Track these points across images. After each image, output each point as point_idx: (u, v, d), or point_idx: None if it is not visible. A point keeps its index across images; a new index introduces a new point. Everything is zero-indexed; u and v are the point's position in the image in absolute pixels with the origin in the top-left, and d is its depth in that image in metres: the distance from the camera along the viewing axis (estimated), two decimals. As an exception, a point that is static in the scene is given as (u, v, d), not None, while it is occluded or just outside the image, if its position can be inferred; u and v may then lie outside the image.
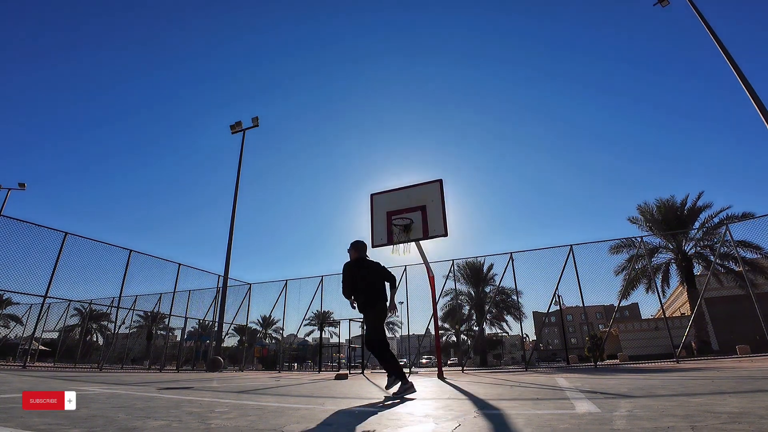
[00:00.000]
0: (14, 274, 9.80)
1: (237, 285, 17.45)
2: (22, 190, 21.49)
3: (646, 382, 4.34)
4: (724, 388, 3.17)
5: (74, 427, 1.80)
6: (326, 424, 2.00)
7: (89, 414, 2.24)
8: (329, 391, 4.47)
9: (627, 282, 15.57)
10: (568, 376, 6.83)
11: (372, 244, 8.25)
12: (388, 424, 2.02)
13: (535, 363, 21.61)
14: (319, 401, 3.31)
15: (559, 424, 1.78)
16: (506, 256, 12.94)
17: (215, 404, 2.90)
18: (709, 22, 11.29)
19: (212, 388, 4.72)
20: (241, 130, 18.85)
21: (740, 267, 13.01)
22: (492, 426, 1.86)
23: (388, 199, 8.42)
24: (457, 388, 4.55)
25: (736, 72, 10.54)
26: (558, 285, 12.06)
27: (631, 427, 1.65)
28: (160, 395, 3.68)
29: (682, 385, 3.63)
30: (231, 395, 3.76)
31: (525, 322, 25.19)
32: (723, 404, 2.21)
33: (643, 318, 25.93)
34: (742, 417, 1.75)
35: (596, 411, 2.17)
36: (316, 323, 26.74)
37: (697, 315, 15.44)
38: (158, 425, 1.89)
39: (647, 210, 20.39)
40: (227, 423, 1.98)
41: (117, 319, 15.70)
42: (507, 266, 12.82)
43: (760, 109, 9.80)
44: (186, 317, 16.10)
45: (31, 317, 17.34)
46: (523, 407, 2.54)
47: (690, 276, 18.74)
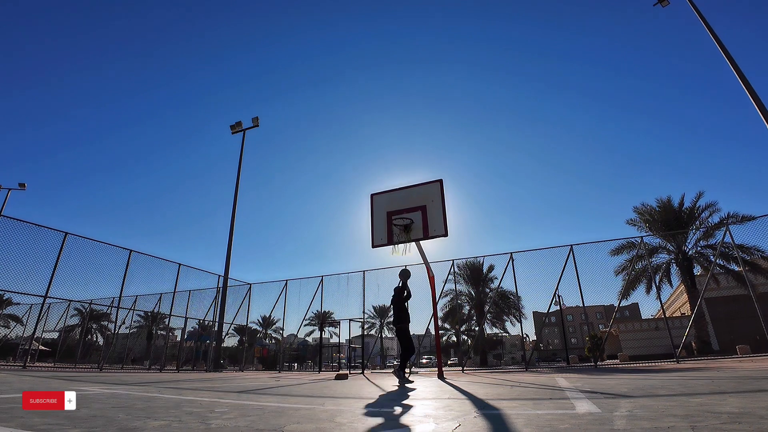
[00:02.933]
0: (14, 274, 9.79)
1: (237, 285, 17.46)
2: (22, 190, 21.53)
3: (646, 382, 4.34)
4: (724, 388, 3.17)
5: (74, 427, 1.80)
6: (328, 421, 2.00)
7: (89, 414, 2.24)
8: (329, 391, 4.47)
9: (627, 282, 15.57)
10: (568, 376, 6.83)
11: (372, 244, 8.25)
12: (388, 424, 2.02)
13: (535, 363, 21.62)
14: (319, 401, 3.31)
15: (560, 424, 1.78)
16: (506, 256, 12.94)
17: (215, 404, 2.90)
18: (709, 22, 11.30)
19: (212, 388, 4.73)
20: (241, 131, 18.87)
21: (740, 267, 13.01)
22: (492, 426, 1.86)
23: (389, 199, 8.42)
24: (457, 388, 4.55)
25: (736, 71, 10.54)
26: (558, 285, 12.05)
27: (631, 427, 1.65)
28: (160, 395, 3.68)
29: (682, 385, 3.63)
30: (231, 395, 3.76)
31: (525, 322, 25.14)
32: (723, 404, 2.20)
33: (643, 318, 25.97)
34: (743, 417, 1.75)
35: (596, 411, 2.17)
36: (316, 323, 26.75)
37: (697, 315, 15.44)
38: (158, 425, 1.89)
39: (646, 210, 20.40)
40: (227, 423, 1.98)
41: (117, 319, 15.71)
42: (507, 266, 12.82)
43: (761, 109, 9.80)
44: (186, 317, 16.09)
45: (31, 317, 17.35)
46: (523, 407, 2.54)
47: (690, 276, 18.74)
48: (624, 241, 15.10)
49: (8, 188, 21.20)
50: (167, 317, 16.44)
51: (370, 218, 8.41)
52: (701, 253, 18.32)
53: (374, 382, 6.71)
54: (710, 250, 17.27)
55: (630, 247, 15.44)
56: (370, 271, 14.71)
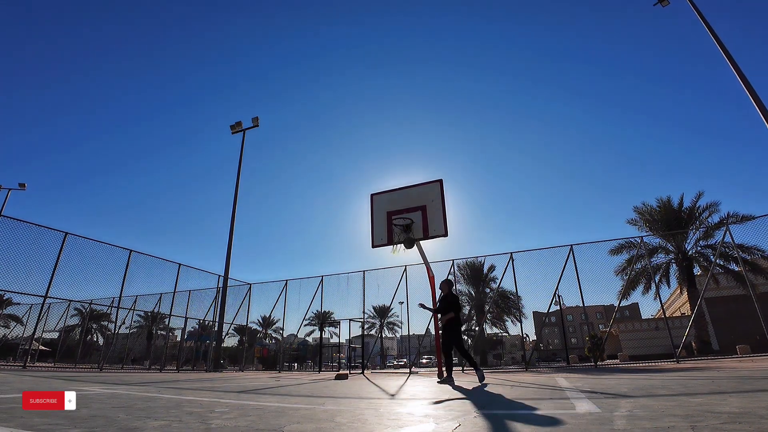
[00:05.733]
0: (14, 274, 9.79)
1: (237, 285, 17.46)
2: (22, 190, 21.52)
3: (646, 382, 4.34)
4: (724, 388, 3.17)
5: (74, 427, 1.80)
6: (328, 421, 2.00)
7: (89, 414, 2.24)
8: (329, 391, 4.47)
9: (627, 282, 15.56)
10: (568, 376, 6.83)
11: (372, 244, 8.26)
12: (388, 424, 2.02)
13: (535, 363, 21.60)
14: (319, 401, 3.31)
15: (560, 424, 1.78)
16: (506, 256, 12.94)
17: (215, 404, 2.90)
18: (709, 22, 11.29)
19: (212, 388, 4.73)
20: (241, 131, 18.86)
21: (740, 267, 13.00)
22: (492, 426, 1.87)
23: (389, 199, 8.42)
24: (457, 388, 4.55)
25: (736, 71, 10.54)
26: (558, 285, 12.05)
27: (631, 426, 1.65)
28: (160, 395, 3.68)
29: (682, 385, 3.63)
30: (231, 395, 3.76)
31: (525, 322, 25.17)
32: (723, 404, 2.21)
33: (643, 318, 25.95)
34: (743, 417, 1.75)
35: (596, 411, 2.17)
36: (316, 323, 26.73)
37: (697, 315, 15.43)
38: (158, 425, 1.89)
39: (646, 210, 20.38)
40: (227, 423, 1.98)
41: (117, 319, 15.72)
42: (507, 266, 12.82)
43: (761, 109, 9.80)
44: (186, 317, 16.09)
45: (31, 317, 17.36)
46: (524, 407, 2.54)
47: (690, 276, 18.73)
48: (624, 241, 15.11)
49: (8, 188, 21.20)
50: (167, 317, 16.44)
51: (370, 218, 8.41)
52: (701, 253, 18.31)
53: (374, 382, 6.72)
54: (710, 250, 17.27)
55: (630, 247, 15.43)
56: (370, 271, 14.73)
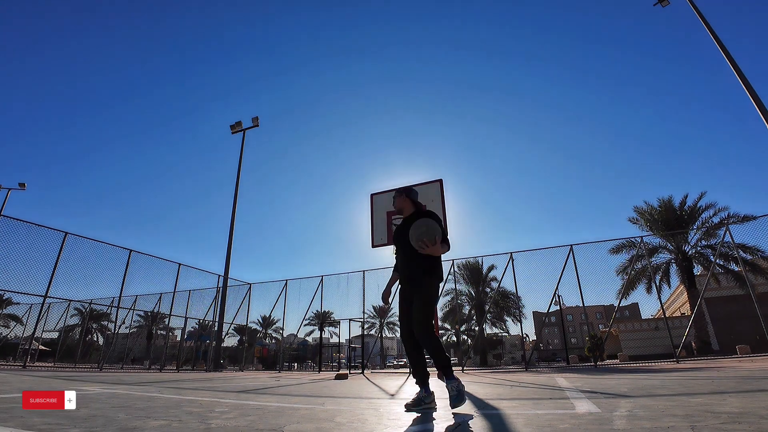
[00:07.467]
0: (14, 274, 9.81)
1: (237, 285, 17.45)
2: (22, 190, 21.51)
3: (646, 382, 4.34)
4: (724, 388, 3.17)
5: (74, 426, 1.80)
6: (328, 421, 2.00)
7: (89, 414, 2.24)
8: (329, 391, 4.47)
9: (627, 282, 15.56)
10: (568, 376, 6.83)
11: (372, 244, 8.26)
12: (388, 423, 2.02)
13: (535, 363, 21.64)
14: (319, 401, 3.31)
15: (560, 424, 1.78)
16: (506, 256, 12.93)
17: (215, 404, 2.90)
18: (709, 22, 11.29)
19: (212, 388, 4.73)
20: (241, 130, 18.86)
21: (740, 267, 13.00)
22: (492, 426, 1.87)
23: (389, 199, 8.42)
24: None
25: (736, 71, 10.54)
26: (558, 285, 12.05)
27: (631, 427, 1.65)
28: (160, 395, 3.68)
29: (682, 385, 3.63)
30: (231, 395, 3.76)
31: (525, 322, 25.19)
32: (723, 404, 2.20)
33: (643, 318, 25.97)
34: (742, 417, 1.75)
35: (596, 411, 2.17)
36: (316, 323, 26.77)
37: (697, 315, 15.44)
38: (158, 425, 1.89)
39: (647, 210, 20.38)
40: (227, 423, 1.98)
41: (117, 319, 15.69)
42: (507, 266, 12.82)
43: (761, 109, 9.80)
44: (186, 317, 16.10)
45: (31, 317, 17.36)
46: (523, 407, 2.54)
47: (690, 276, 18.73)
48: (624, 241, 15.11)
49: (8, 188, 21.19)
50: (167, 317, 16.45)
51: (370, 218, 8.42)
52: (701, 253, 18.30)
53: (374, 382, 6.72)
54: (710, 250, 17.26)
55: (630, 247, 15.43)
56: (370, 271, 14.71)
